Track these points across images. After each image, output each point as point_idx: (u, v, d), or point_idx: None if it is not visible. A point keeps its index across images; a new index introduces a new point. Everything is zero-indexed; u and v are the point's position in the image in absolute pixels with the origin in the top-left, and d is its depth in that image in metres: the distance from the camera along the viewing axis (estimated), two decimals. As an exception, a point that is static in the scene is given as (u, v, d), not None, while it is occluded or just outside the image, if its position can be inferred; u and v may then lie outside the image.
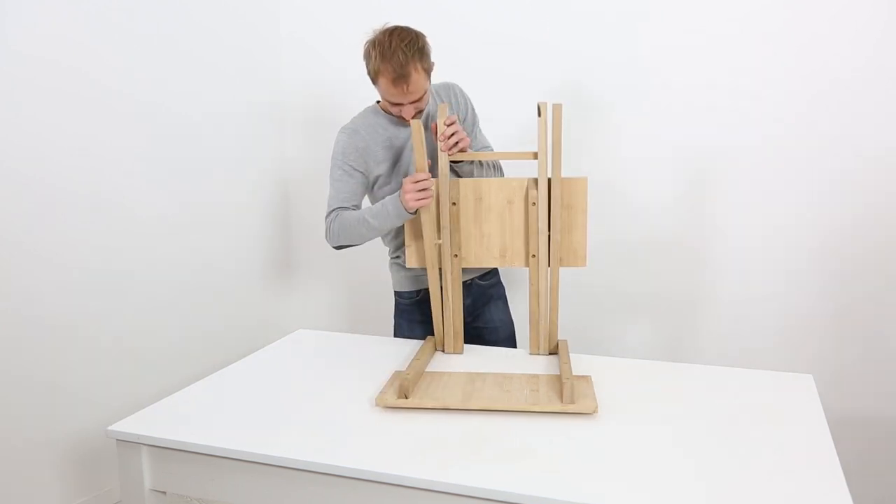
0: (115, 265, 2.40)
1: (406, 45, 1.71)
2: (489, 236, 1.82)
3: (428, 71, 1.78)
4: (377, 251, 2.20)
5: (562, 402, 1.49)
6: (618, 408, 1.52)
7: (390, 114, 1.91)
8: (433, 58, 1.81)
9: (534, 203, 1.75)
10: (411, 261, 1.86)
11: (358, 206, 1.91)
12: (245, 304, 3.02)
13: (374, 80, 1.79)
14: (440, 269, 1.84)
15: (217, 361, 2.73)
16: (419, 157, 1.73)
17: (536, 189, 1.74)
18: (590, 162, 2.64)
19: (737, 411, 1.50)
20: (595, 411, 1.47)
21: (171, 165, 2.59)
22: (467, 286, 2.01)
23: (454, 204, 1.79)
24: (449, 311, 1.85)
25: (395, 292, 2.09)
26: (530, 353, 1.87)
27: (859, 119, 2.34)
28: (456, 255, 1.82)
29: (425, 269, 1.89)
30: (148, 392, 2.49)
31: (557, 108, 1.68)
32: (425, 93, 1.80)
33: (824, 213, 2.43)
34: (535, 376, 1.67)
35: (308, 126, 3.11)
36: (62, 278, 2.23)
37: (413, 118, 1.80)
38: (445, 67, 2.02)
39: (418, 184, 1.71)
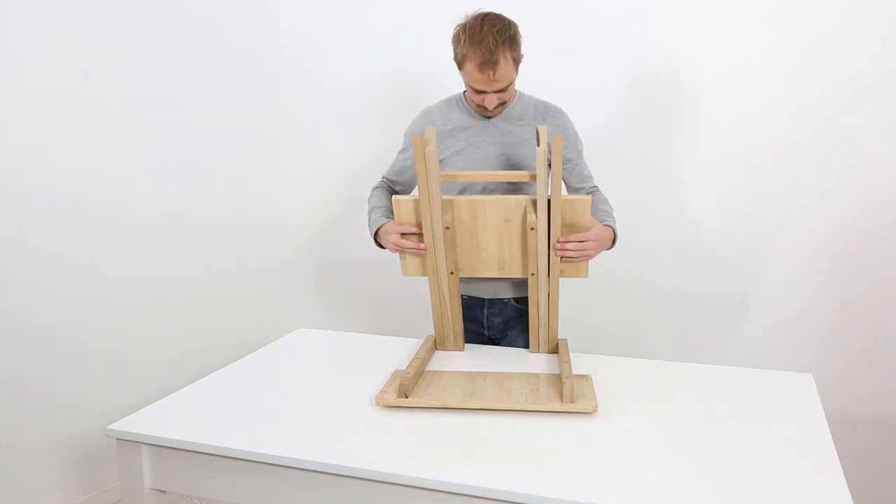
0: (115, 265, 2.40)
1: (497, 31, 1.67)
2: (487, 250, 1.74)
3: (517, 61, 1.73)
4: (377, 251, 2.19)
5: (562, 401, 1.49)
6: (618, 407, 1.52)
7: (469, 106, 1.86)
8: (523, 50, 1.76)
9: (532, 228, 1.65)
10: (407, 270, 1.80)
11: (402, 187, 1.98)
12: (245, 304, 3.02)
13: (461, 65, 1.74)
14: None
15: (217, 361, 2.73)
16: (420, 180, 1.61)
17: (535, 213, 1.64)
18: (588, 160, 2.63)
19: (737, 411, 1.50)
20: (595, 410, 1.47)
21: (170, 165, 2.59)
22: (503, 303, 1.96)
23: (447, 228, 1.69)
24: (448, 320, 1.84)
25: None
26: (530, 352, 1.87)
27: (859, 119, 2.34)
28: (452, 273, 1.77)
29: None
30: (148, 392, 2.49)
31: (557, 140, 1.55)
32: (511, 84, 1.75)
33: (825, 212, 2.43)
34: (535, 375, 1.67)
35: (308, 124, 3.11)
36: (62, 278, 2.23)
37: (494, 109, 1.79)
38: (445, 65, 2.01)
39: (400, 243, 1.70)
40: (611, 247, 1.79)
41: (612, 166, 2.63)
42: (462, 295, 1.96)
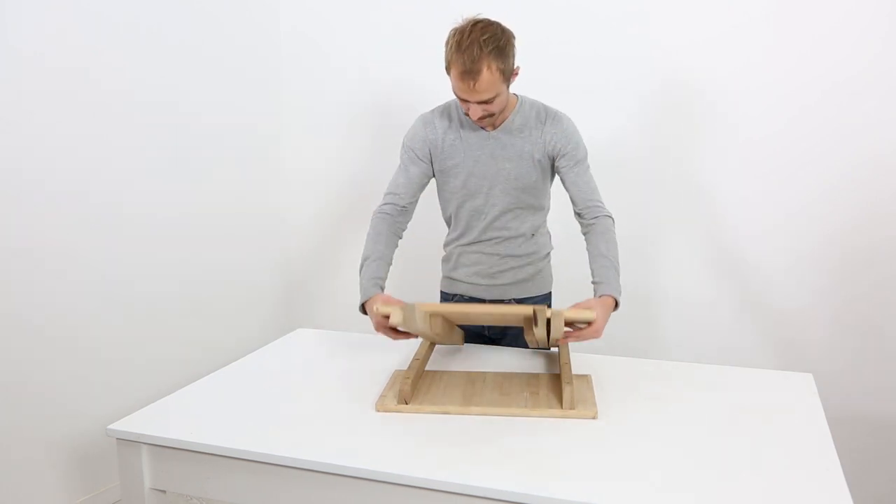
0: (115, 265, 2.40)
1: (485, 40, 1.57)
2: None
3: (505, 73, 1.63)
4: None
5: (562, 407, 1.48)
6: (617, 407, 1.52)
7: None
8: (518, 62, 1.69)
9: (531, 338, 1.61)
10: (396, 319, 1.62)
11: (409, 199, 1.85)
12: (245, 303, 3.02)
13: (447, 70, 1.66)
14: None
15: (217, 361, 2.73)
16: (423, 333, 1.53)
17: (533, 332, 1.50)
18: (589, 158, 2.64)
19: (737, 411, 1.50)
20: (595, 417, 1.47)
21: (170, 165, 2.59)
22: (503, 303, 1.94)
23: (439, 333, 1.62)
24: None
25: (440, 291, 2.05)
26: (530, 348, 1.86)
27: (859, 119, 2.34)
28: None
29: (460, 274, 1.90)
30: (148, 392, 2.49)
31: (557, 317, 1.41)
32: (497, 96, 1.65)
33: (824, 212, 2.43)
34: (536, 376, 1.67)
35: (308, 124, 3.11)
36: (62, 278, 2.23)
37: (482, 120, 1.71)
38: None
39: (389, 335, 1.63)
40: (615, 309, 1.67)
41: (609, 165, 2.63)
42: (462, 296, 1.96)
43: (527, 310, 1.49)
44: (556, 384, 1.62)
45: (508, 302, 1.94)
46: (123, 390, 2.45)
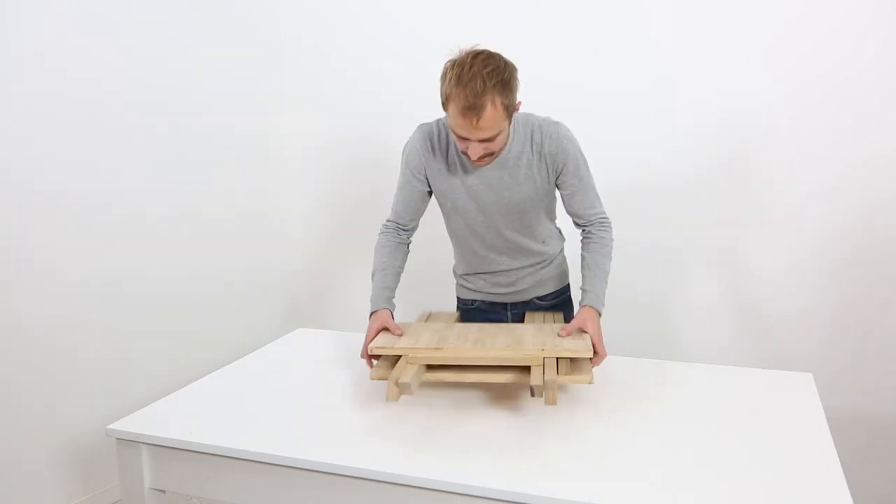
0: (116, 266, 2.40)
1: (488, 74, 1.45)
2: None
3: (509, 109, 1.51)
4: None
5: (558, 373, 1.46)
6: (618, 407, 1.52)
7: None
8: (520, 95, 1.58)
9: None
10: (378, 373, 1.57)
11: (410, 218, 1.79)
12: (245, 303, 3.02)
13: (444, 106, 1.53)
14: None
15: (217, 361, 2.73)
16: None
17: (531, 389, 1.45)
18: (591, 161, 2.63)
19: (737, 411, 1.50)
20: (591, 382, 1.46)
21: (169, 165, 2.59)
22: (525, 303, 1.90)
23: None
24: None
25: (457, 297, 2.02)
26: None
27: (859, 119, 2.34)
28: None
29: (477, 286, 1.89)
30: (147, 392, 2.49)
31: (552, 389, 1.40)
32: (500, 134, 1.54)
33: (824, 212, 2.43)
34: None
35: (308, 125, 3.11)
36: (62, 279, 2.23)
37: (480, 160, 1.58)
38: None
39: (369, 356, 1.60)
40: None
41: (607, 166, 2.63)
42: (482, 301, 1.93)
43: (524, 358, 1.49)
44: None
45: (530, 301, 1.90)
46: (123, 390, 2.45)
